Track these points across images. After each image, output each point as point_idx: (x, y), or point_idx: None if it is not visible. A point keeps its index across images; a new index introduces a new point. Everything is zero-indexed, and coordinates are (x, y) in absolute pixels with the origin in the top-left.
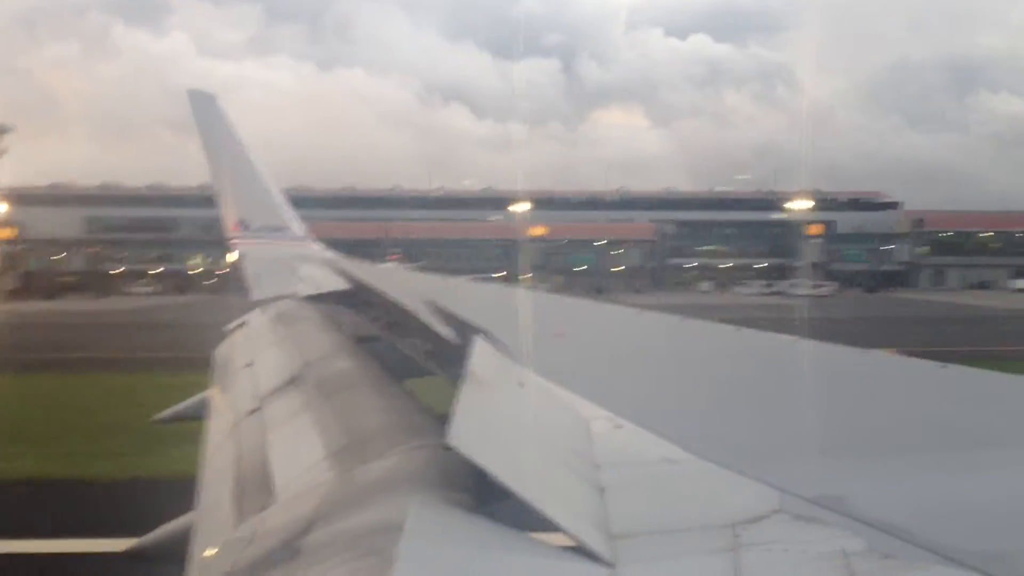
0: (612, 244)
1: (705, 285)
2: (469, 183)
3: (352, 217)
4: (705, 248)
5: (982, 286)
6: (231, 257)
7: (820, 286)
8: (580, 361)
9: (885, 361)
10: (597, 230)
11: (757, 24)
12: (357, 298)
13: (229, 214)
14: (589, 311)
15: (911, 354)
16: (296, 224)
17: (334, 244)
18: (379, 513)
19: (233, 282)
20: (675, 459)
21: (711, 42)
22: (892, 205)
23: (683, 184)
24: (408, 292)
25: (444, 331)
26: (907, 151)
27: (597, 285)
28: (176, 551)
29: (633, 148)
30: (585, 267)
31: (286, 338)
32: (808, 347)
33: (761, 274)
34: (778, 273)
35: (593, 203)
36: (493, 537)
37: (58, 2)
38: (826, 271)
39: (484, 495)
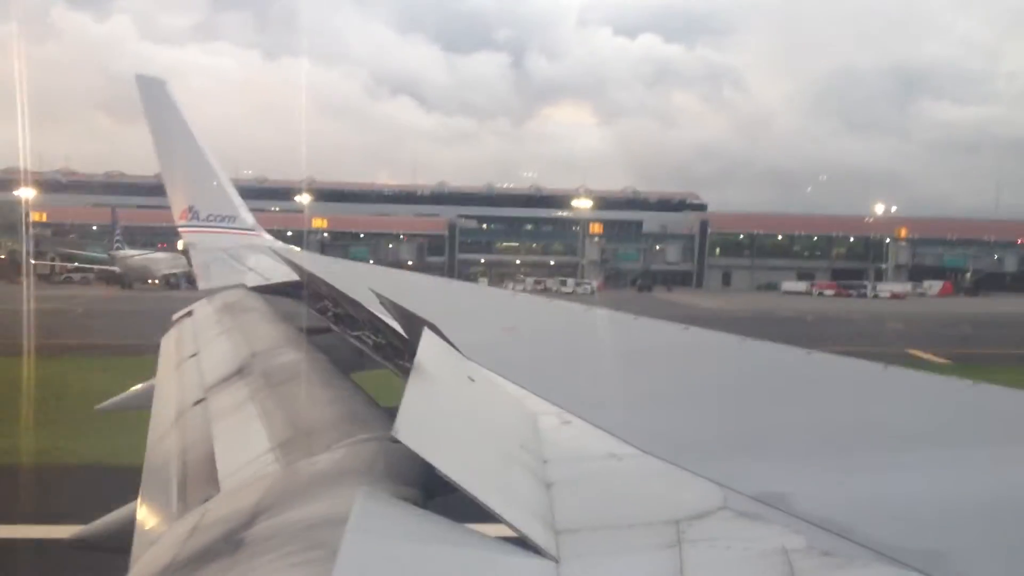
0: (391, 238)
1: (482, 281)
2: (250, 172)
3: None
4: (504, 244)
5: (768, 287)
6: (179, 245)
7: (584, 284)
8: (529, 356)
9: (827, 362)
10: (384, 224)
11: (707, 26)
12: (306, 289)
13: (178, 202)
14: (539, 307)
15: None
16: (245, 213)
17: None
18: (324, 506)
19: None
20: (621, 455)
21: (661, 42)
22: (701, 207)
23: (621, 182)
24: (357, 284)
25: (393, 324)
26: (848, 155)
27: None
28: (120, 540)
29: (579, 145)
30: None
31: (233, 328)
32: (754, 347)
33: (549, 272)
34: (568, 271)
35: (405, 197)
36: (438, 530)
37: None
38: (607, 270)
39: (431, 489)
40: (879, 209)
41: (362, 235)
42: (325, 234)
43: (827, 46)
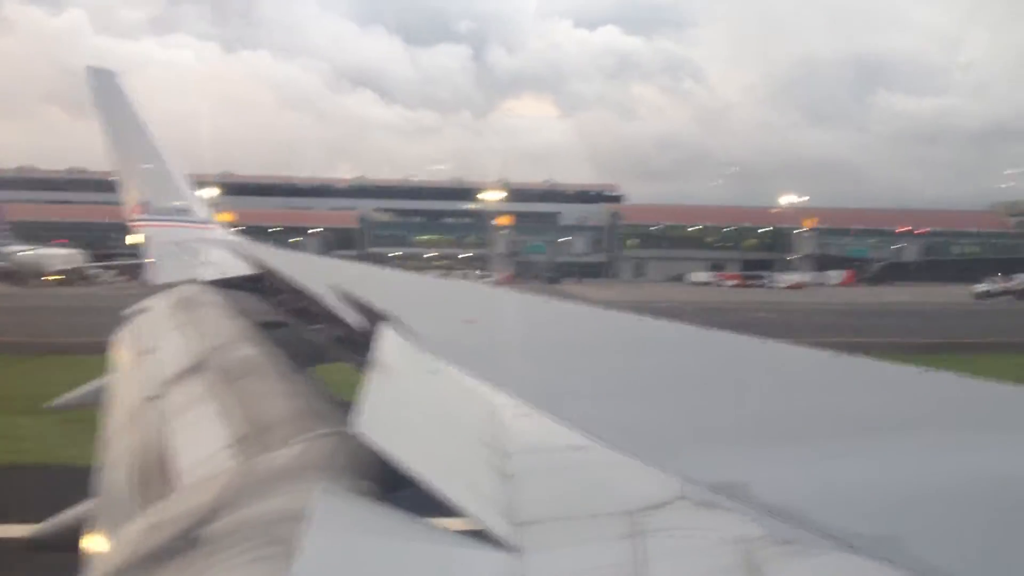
0: (299, 232)
1: None
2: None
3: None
4: (419, 238)
5: (678, 279)
6: (132, 240)
7: (486, 276)
8: (489, 348)
9: (782, 350)
10: (294, 218)
11: (667, 18)
12: (262, 283)
13: (130, 195)
14: (499, 298)
15: None
16: (199, 206)
17: None
18: (282, 501)
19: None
20: (581, 446)
21: (621, 34)
22: (617, 198)
23: (582, 175)
24: (314, 278)
25: (351, 317)
26: (807, 147)
27: None
28: (75, 539)
29: (541, 138)
30: None
31: (188, 323)
32: (710, 336)
33: (464, 264)
34: (480, 264)
35: (322, 190)
36: (398, 525)
37: None
38: (515, 262)
39: (390, 483)
40: (786, 200)
41: (269, 229)
42: (231, 228)
43: (787, 38)
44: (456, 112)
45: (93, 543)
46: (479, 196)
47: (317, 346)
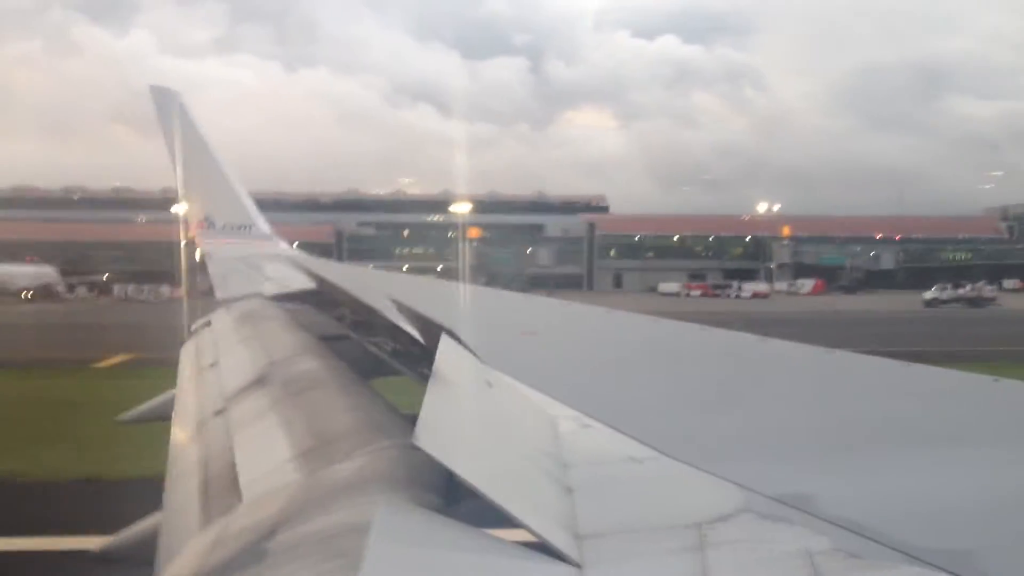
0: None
1: None
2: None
3: None
4: (401, 251)
5: (653, 289)
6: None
7: None
8: (548, 360)
9: (850, 359)
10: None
11: (726, 26)
12: (323, 297)
13: (194, 212)
14: (556, 309)
15: None
16: (261, 222)
17: None
18: (346, 514)
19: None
20: (642, 458)
21: (679, 43)
22: (603, 209)
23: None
24: (373, 291)
25: (411, 330)
26: (871, 154)
27: None
28: (145, 552)
29: (599, 149)
30: None
31: (252, 337)
32: (774, 346)
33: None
34: (451, 276)
35: (310, 205)
36: (460, 537)
37: (23, 0)
38: (488, 274)
39: (452, 495)
40: (762, 208)
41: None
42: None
43: (848, 43)
44: (514, 124)
45: (162, 556)
46: (462, 209)
47: (378, 359)
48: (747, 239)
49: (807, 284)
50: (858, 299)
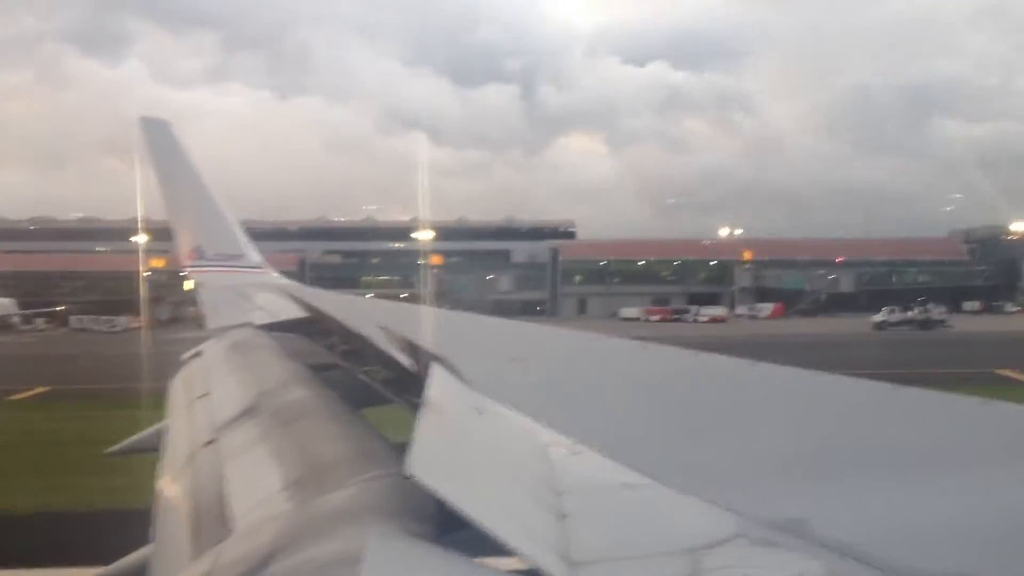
0: None
1: None
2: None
3: None
4: (367, 278)
5: (614, 315)
6: (186, 286)
7: None
8: (538, 387)
9: (840, 383)
10: None
11: (716, 51)
12: (313, 326)
13: (184, 242)
14: (546, 336)
15: None
16: (252, 252)
17: None
18: (338, 544)
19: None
20: (634, 484)
21: (669, 68)
22: (570, 235)
23: (636, 211)
24: (364, 319)
25: (401, 359)
26: (860, 177)
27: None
28: None
29: (590, 174)
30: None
31: (242, 367)
32: (765, 371)
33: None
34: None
35: (279, 234)
36: (453, 567)
37: (14, 31)
38: (451, 301)
39: (445, 524)
40: (723, 232)
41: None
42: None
43: (838, 66)
44: (506, 150)
45: None
46: (429, 236)
47: (368, 388)
48: (712, 263)
49: (766, 308)
50: (814, 322)
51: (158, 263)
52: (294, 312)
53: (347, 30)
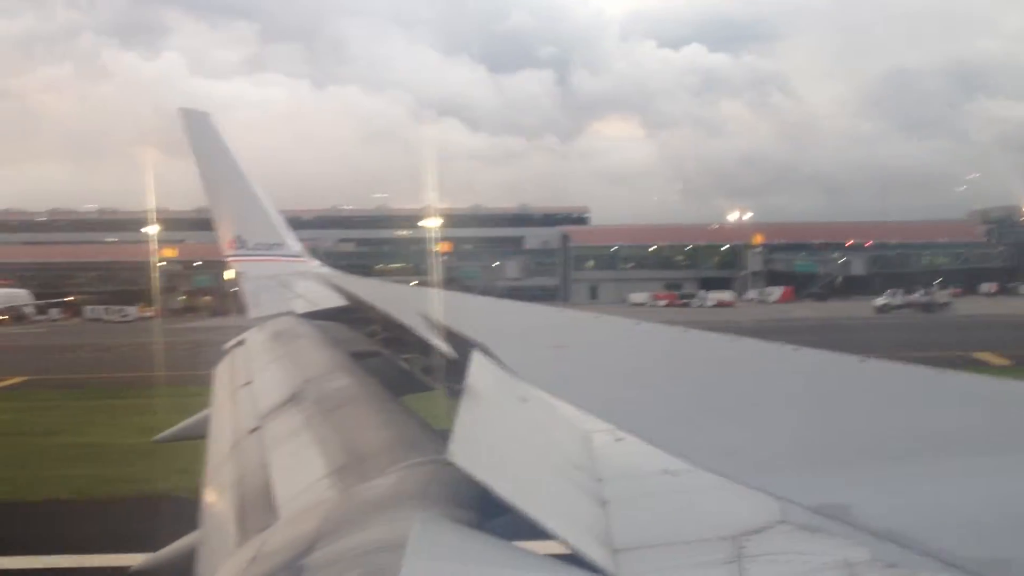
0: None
1: None
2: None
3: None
4: (380, 266)
5: (623, 300)
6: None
7: None
8: (579, 373)
9: (883, 368)
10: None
11: (753, 33)
12: (354, 314)
13: (224, 232)
14: (588, 323)
15: None
16: (292, 241)
17: None
18: (381, 531)
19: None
20: (676, 471)
21: (706, 52)
22: (584, 220)
23: (671, 196)
24: (404, 307)
25: (442, 346)
26: (901, 158)
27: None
28: (182, 570)
29: (626, 159)
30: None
31: (284, 355)
32: (807, 356)
33: None
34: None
35: (294, 223)
36: (496, 553)
37: (54, 25)
38: (462, 287)
39: (486, 510)
40: (732, 216)
41: (199, 263)
42: (164, 263)
43: (877, 46)
44: (541, 137)
45: (199, 574)
46: (444, 223)
47: (409, 375)
48: (724, 248)
49: (776, 292)
50: (821, 306)
51: (171, 253)
52: (334, 300)
53: (383, 20)
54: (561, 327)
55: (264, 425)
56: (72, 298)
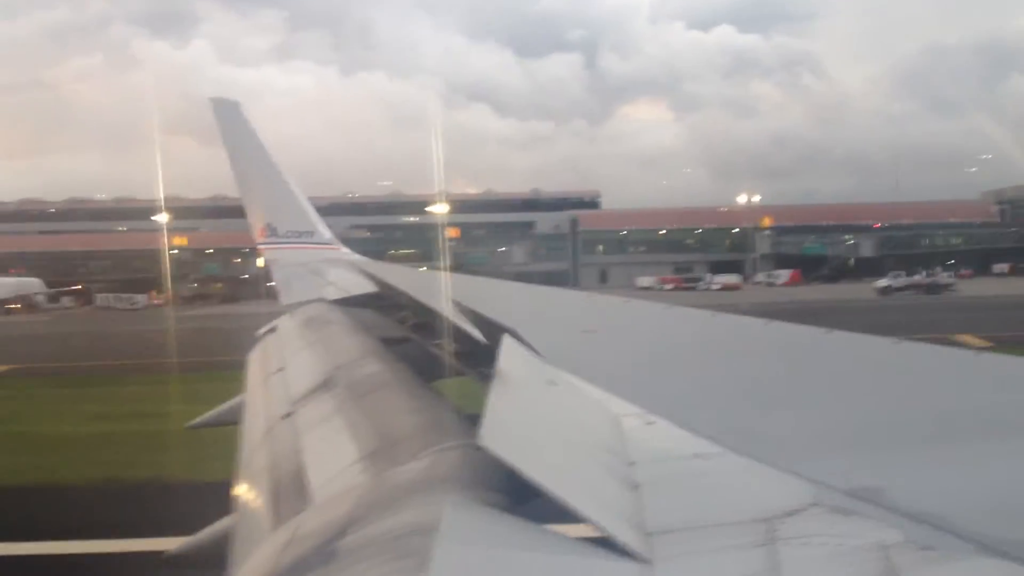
0: (241, 254)
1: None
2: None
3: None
4: (392, 252)
5: (631, 285)
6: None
7: None
8: (609, 357)
9: (917, 350)
10: (244, 240)
11: (783, 13)
12: (385, 300)
13: (256, 220)
14: (615, 307)
15: None
16: (323, 228)
17: None
18: (413, 514)
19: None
20: (708, 454)
21: (735, 33)
22: (595, 205)
23: (702, 178)
24: (434, 293)
25: (472, 331)
26: (934, 137)
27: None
28: (217, 554)
29: (656, 141)
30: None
31: (316, 342)
32: (839, 338)
33: None
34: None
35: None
36: (528, 536)
37: (86, 16)
38: (470, 272)
39: (517, 494)
40: (742, 199)
41: (207, 251)
42: (176, 251)
43: (909, 25)
44: (570, 120)
45: (234, 558)
46: (455, 209)
47: (440, 360)
48: (734, 231)
49: (783, 275)
50: (827, 289)
51: (182, 241)
52: (365, 287)
53: (409, 5)
54: (590, 312)
55: (297, 411)
56: (82, 286)
